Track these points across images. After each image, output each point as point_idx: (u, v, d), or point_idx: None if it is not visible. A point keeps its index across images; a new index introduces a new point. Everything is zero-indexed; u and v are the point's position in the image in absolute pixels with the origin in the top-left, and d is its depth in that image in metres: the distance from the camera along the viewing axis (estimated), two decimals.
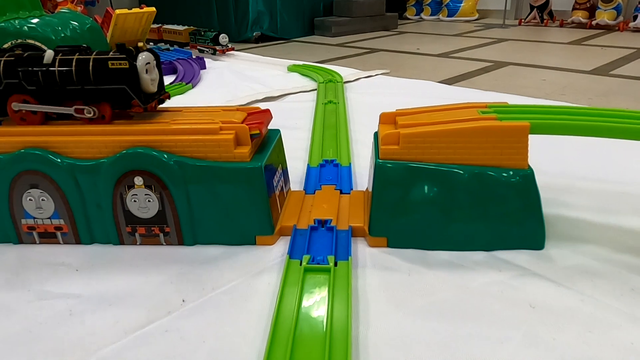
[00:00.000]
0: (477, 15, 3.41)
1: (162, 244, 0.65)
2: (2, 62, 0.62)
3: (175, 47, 2.33)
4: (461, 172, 0.60)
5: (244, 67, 1.87)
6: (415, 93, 1.41)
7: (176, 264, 0.61)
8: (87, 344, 0.49)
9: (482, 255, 0.61)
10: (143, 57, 0.61)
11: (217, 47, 2.13)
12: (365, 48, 2.38)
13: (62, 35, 1.26)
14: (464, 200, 0.60)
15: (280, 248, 0.64)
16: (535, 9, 3.07)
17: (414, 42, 2.55)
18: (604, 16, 2.80)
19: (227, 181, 0.62)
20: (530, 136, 0.58)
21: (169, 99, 0.68)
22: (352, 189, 0.76)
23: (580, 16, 2.89)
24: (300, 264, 0.58)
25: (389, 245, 0.63)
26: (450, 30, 2.95)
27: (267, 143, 0.68)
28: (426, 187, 0.60)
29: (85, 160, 0.62)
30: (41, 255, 0.64)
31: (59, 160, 0.62)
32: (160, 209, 0.63)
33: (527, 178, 0.60)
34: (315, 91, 1.44)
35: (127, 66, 0.60)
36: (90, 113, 0.63)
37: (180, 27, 2.37)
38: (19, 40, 1.20)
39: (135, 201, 0.63)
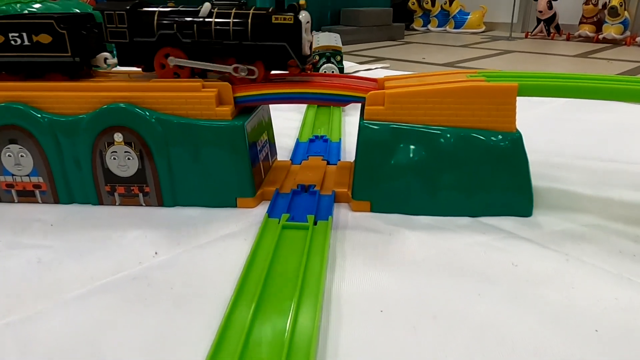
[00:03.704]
0: (484, 28, 3.42)
1: (141, 205, 0.64)
2: (156, 12, 0.59)
3: None
4: (447, 134, 0.58)
5: None
6: None
7: (153, 221, 0.60)
8: (51, 289, 0.47)
9: (467, 220, 0.59)
10: (304, 16, 0.58)
11: None
12: (370, 56, 2.38)
13: None
14: (450, 163, 0.59)
15: (260, 211, 0.62)
16: (542, 22, 3.07)
17: (420, 51, 2.55)
18: (611, 30, 2.80)
19: (208, 140, 0.60)
20: (526, 120, 0.57)
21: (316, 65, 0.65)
22: (339, 160, 0.75)
23: (587, 30, 2.89)
24: (279, 223, 0.57)
25: (372, 210, 0.61)
26: (456, 42, 2.95)
27: (253, 109, 0.67)
28: (411, 149, 0.59)
29: (66, 116, 0.61)
30: (18, 213, 0.63)
31: (39, 115, 0.61)
32: (140, 167, 0.62)
33: (515, 141, 0.58)
34: None
35: (292, 22, 0.57)
36: (244, 72, 0.60)
37: None
38: None
39: (114, 159, 0.62)
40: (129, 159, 0.61)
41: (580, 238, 0.54)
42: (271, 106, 0.75)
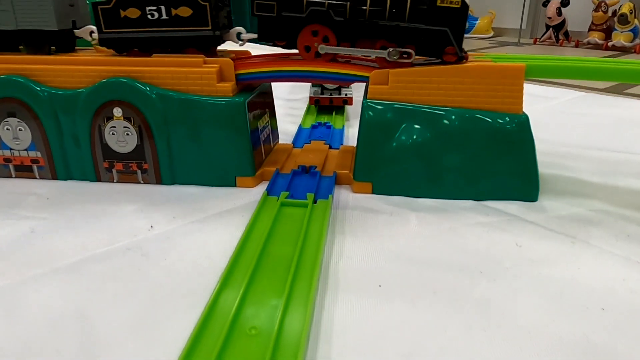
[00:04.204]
0: (492, 33, 3.41)
1: (139, 182, 0.63)
2: None
3: None
4: (452, 115, 0.57)
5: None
6: None
7: (150, 197, 0.59)
8: (42, 258, 0.46)
9: (470, 203, 0.57)
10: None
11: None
12: None
13: None
14: (454, 145, 0.57)
15: (260, 190, 0.61)
16: (551, 29, 3.06)
17: None
18: (621, 38, 2.78)
19: (209, 116, 0.59)
20: (534, 113, 0.55)
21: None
22: (342, 144, 0.73)
23: (596, 37, 2.87)
24: (277, 200, 0.55)
25: (374, 192, 0.60)
26: (464, 46, 2.93)
27: (255, 89, 0.66)
28: (415, 130, 0.58)
29: (65, 90, 0.61)
30: (15, 186, 0.62)
31: (39, 89, 0.61)
32: (139, 143, 0.61)
33: (522, 123, 0.57)
34: None
35: (459, 5, 0.53)
36: (395, 55, 0.56)
37: None
38: None
39: (113, 134, 0.61)
40: (127, 134, 0.60)
41: (587, 222, 0.53)
42: (275, 93, 0.74)
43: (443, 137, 0.57)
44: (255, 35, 0.61)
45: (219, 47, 0.64)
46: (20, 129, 0.62)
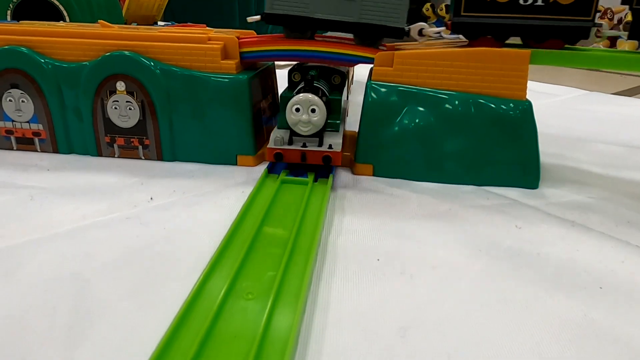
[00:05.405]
0: None
1: (140, 158, 0.63)
2: None
3: None
4: (455, 99, 0.57)
5: None
6: None
7: (151, 172, 0.59)
8: (41, 224, 0.46)
9: (471, 188, 0.57)
10: None
11: None
12: None
13: None
14: (457, 129, 0.57)
15: (261, 169, 0.61)
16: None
17: None
18: (625, 46, 2.77)
19: (211, 93, 0.59)
20: (537, 108, 0.55)
21: None
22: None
23: (601, 44, 2.87)
24: (278, 178, 0.55)
25: (374, 174, 0.60)
26: None
27: (258, 69, 0.66)
28: (417, 113, 0.58)
29: (69, 63, 0.61)
30: (16, 158, 0.62)
31: (42, 60, 0.60)
32: (141, 118, 0.61)
33: (525, 110, 0.56)
34: None
35: None
36: None
37: None
38: None
39: (115, 108, 0.61)
40: (130, 109, 0.60)
41: (587, 208, 0.53)
42: (278, 73, 0.74)
43: (446, 121, 0.57)
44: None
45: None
46: (22, 101, 0.62)
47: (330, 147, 0.56)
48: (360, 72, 0.79)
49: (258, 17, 0.59)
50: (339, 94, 0.63)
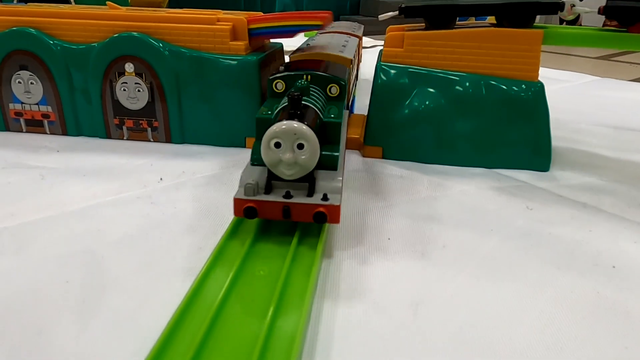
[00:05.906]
0: None
1: (149, 140, 0.63)
2: None
3: None
4: (466, 80, 0.56)
5: None
6: None
7: (160, 153, 0.59)
8: (52, 202, 0.46)
9: (482, 170, 0.57)
10: None
11: None
12: None
13: None
14: (468, 111, 0.57)
15: None
16: (564, 24, 3.02)
17: None
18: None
19: (220, 74, 0.59)
20: (547, 93, 0.55)
21: None
22: (353, 113, 0.73)
23: None
24: None
25: (384, 157, 0.60)
26: None
27: (268, 49, 0.66)
28: (428, 95, 0.57)
29: (78, 44, 0.60)
30: (25, 140, 0.62)
31: (51, 42, 0.60)
32: (150, 100, 0.61)
33: (537, 92, 0.56)
34: None
35: None
36: None
37: None
38: None
39: (124, 90, 0.61)
40: (139, 90, 0.60)
41: (598, 191, 0.52)
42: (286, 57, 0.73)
43: (456, 102, 0.57)
44: None
45: None
46: (32, 82, 0.62)
47: (325, 198, 0.37)
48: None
49: (392, 13, 0.56)
50: (337, 111, 0.44)
